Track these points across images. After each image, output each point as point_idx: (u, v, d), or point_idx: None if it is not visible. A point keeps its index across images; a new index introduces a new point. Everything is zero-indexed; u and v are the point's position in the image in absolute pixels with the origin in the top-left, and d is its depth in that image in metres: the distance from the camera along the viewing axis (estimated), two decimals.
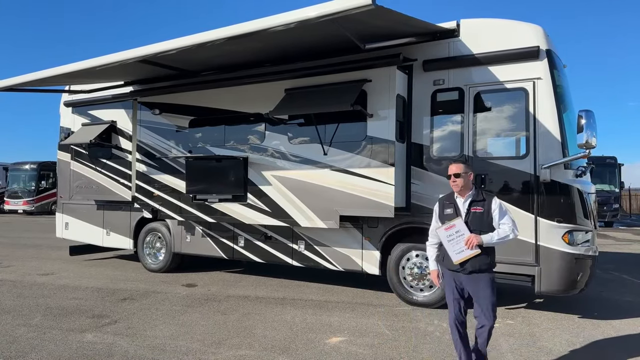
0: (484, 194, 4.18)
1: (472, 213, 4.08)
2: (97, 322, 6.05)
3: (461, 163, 4.28)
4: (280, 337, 5.45)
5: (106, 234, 10.17)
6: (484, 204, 4.07)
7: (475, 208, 4.08)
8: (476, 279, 4.00)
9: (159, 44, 5.87)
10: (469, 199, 4.12)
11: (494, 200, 4.08)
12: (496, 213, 4.03)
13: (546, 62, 6.15)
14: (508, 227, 3.98)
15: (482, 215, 4.04)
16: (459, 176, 4.13)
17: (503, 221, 4.01)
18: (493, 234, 3.98)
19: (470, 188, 4.18)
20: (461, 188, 4.14)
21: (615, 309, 6.97)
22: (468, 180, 4.16)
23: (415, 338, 5.48)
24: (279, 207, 7.42)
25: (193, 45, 5.34)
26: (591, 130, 5.63)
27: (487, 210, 4.05)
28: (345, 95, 6.53)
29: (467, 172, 4.15)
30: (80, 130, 9.99)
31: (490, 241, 3.96)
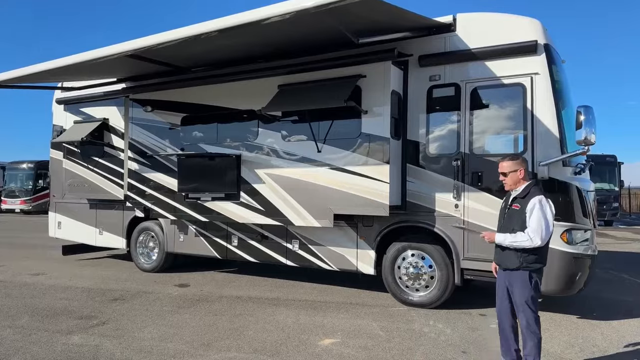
0: (531, 190, 4.04)
1: (510, 209, 4.08)
2: (85, 324, 5.91)
3: (509, 160, 4.17)
4: (272, 339, 5.31)
5: (99, 234, 10.02)
6: (523, 202, 3.99)
7: (515, 205, 4.05)
8: (510, 276, 4.01)
9: (149, 37, 5.71)
10: (514, 195, 4.11)
11: (532, 200, 3.94)
12: (528, 214, 3.92)
13: (544, 56, 6.00)
14: (528, 232, 3.86)
15: (516, 213, 4.00)
16: (505, 175, 4.14)
17: (530, 224, 3.88)
18: (508, 235, 3.94)
19: (521, 184, 4.10)
20: (510, 185, 4.13)
21: (615, 309, 6.83)
22: (517, 177, 4.10)
23: (409, 340, 5.34)
24: (272, 206, 7.28)
25: (184, 38, 5.19)
26: (590, 127, 5.50)
27: (522, 208, 3.97)
28: (339, 91, 6.39)
29: (515, 170, 4.09)
30: (72, 128, 9.84)
31: (503, 242, 3.95)
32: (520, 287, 3.93)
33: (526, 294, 3.91)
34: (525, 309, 3.92)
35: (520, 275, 3.93)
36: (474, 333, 5.60)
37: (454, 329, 5.77)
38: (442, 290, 6.55)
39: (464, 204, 6.37)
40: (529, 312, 3.91)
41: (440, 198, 6.53)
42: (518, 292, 3.94)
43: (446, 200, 6.49)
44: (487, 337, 5.44)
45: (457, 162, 6.41)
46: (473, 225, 6.31)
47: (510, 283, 4.01)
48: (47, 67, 6.79)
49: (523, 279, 3.92)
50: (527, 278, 3.92)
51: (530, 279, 3.92)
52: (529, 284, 3.91)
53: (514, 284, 3.98)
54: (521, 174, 4.11)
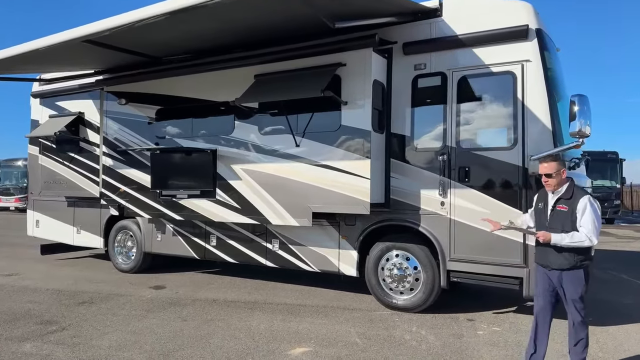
0: (575, 190, 4.02)
1: (556, 210, 4.03)
2: (43, 329, 5.52)
3: (552, 161, 4.10)
4: (238, 348, 4.90)
5: (77, 233, 9.63)
6: (570, 203, 3.96)
7: (561, 206, 4.01)
8: (561, 276, 4.00)
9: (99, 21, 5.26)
10: (557, 196, 4.05)
11: (582, 200, 3.92)
12: (579, 214, 3.90)
13: (536, 42, 5.57)
14: (584, 232, 3.85)
15: (565, 214, 3.96)
16: (550, 176, 4.05)
17: (583, 224, 3.87)
18: (565, 235, 3.88)
19: (563, 184, 4.07)
20: (554, 187, 4.07)
21: (613, 312, 6.41)
22: (561, 178, 4.06)
23: (387, 349, 4.93)
24: (249, 204, 6.87)
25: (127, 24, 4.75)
26: (585, 118, 5.05)
27: (571, 209, 3.94)
28: (315, 80, 5.96)
29: (559, 170, 4.04)
30: (46, 123, 9.44)
31: (560, 242, 3.89)
32: (576, 284, 3.96)
33: (580, 290, 3.96)
34: (579, 304, 3.97)
35: (576, 273, 3.95)
36: (458, 341, 5.18)
37: (437, 336, 5.36)
38: (428, 293, 6.14)
39: (451, 202, 5.95)
40: (581, 307, 3.98)
41: (426, 195, 6.12)
42: (573, 289, 3.96)
43: (432, 198, 6.07)
44: (473, 346, 5.03)
45: (443, 157, 5.99)
46: (460, 224, 5.89)
47: (563, 282, 4.00)
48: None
49: (578, 276, 3.96)
50: (582, 275, 3.96)
51: (585, 276, 3.98)
52: (583, 281, 3.96)
53: (568, 282, 3.98)
54: (564, 174, 4.09)
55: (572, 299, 3.98)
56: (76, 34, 5.13)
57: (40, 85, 9.96)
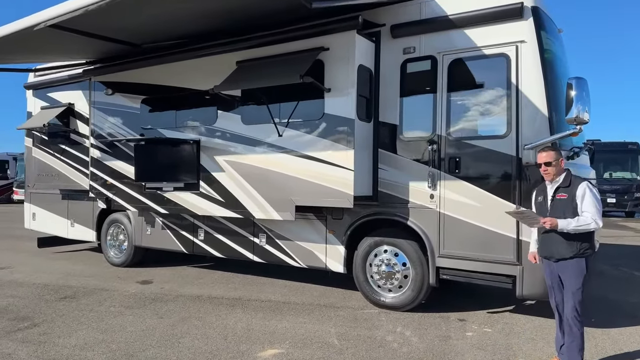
0: (572, 179, 4.01)
1: (556, 200, 4.00)
2: (13, 326, 5.35)
3: (551, 150, 4.09)
4: (207, 349, 4.64)
5: (71, 225, 9.52)
6: (569, 190, 3.95)
7: (561, 194, 3.98)
8: (563, 267, 3.94)
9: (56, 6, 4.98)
10: (556, 185, 4.03)
11: (580, 186, 3.92)
12: (579, 199, 3.88)
13: (532, 21, 5.13)
14: (589, 215, 3.81)
15: (565, 202, 3.93)
16: (550, 165, 4.02)
17: (585, 209, 3.85)
18: (571, 219, 3.82)
19: (561, 173, 4.05)
20: (553, 176, 4.03)
21: (618, 313, 5.97)
22: (560, 167, 4.04)
23: (365, 351, 4.61)
24: (232, 197, 6.60)
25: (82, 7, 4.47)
26: (583, 103, 4.63)
27: (571, 196, 3.92)
28: (295, 66, 5.63)
29: (558, 159, 4.03)
30: (38, 114, 9.32)
31: (567, 227, 3.81)
32: (576, 274, 3.89)
33: (580, 280, 3.88)
34: (577, 295, 3.89)
35: (577, 262, 3.89)
36: (444, 343, 4.84)
37: (422, 337, 5.02)
38: (417, 291, 5.79)
39: (440, 194, 5.58)
40: (579, 299, 3.88)
41: (415, 188, 5.75)
42: (573, 280, 3.89)
43: (421, 190, 5.70)
44: (458, 349, 4.68)
45: (432, 147, 5.61)
46: (450, 219, 5.52)
47: (563, 272, 3.95)
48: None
49: (580, 266, 3.89)
50: (584, 265, 3.89)
51: (586, 265, 3.91)
52: (584, 271, 3.89)
53: (568, 272, 3.92)
54: (562, 163, 4.09)
55: (572, 290, 3.90)
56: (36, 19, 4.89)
57: (35, 77, 9.85)
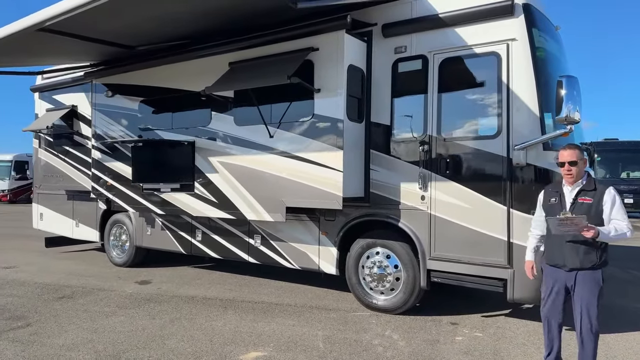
0: (596, 182, 3.74)
1: (578, 203, 3.70)
2: (6, 326, 5.43)
3: (576, 149, 3.75)
4: (190, 351, 4.64)
5: (75, 226, 9.67)
6: (594, 194, 3.68)
7: (584, 198, 3.70)
8: (577, 278, 3.66)
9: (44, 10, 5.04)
10: (578, 187, 3.73)
11: (608, 191, 3.67)
12: (608, 205, 3.63)
13: (523, 19, 5.02)
14: (625, 224, 3.58)
15: (590, 207, 3.66)
16: (575, 164, 3.70)
17: (618, 217, 3.61)
18: (610, 227, 3.57)
19: (582, 176, 3.76)
20: (576, 177, 3.73)
21: (621, 319, 5.79)
22: (583, 167, 3.76)
23: (348, 355, 4.56)
24: (225, 198, 6.60)
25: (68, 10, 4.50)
26: (574, 102, 4.51)
27: (597, 201, 3.65)
28: (284, 66, 5.60)
29: (582, 158, 3.73)
30: (43, 116, 9.49)
31: (607, 236, 3.55)
32: (593, 286, 3.63)
33: (596, 293, 3.63)
34: (593, 309, 3.63)
35: (594, 274, 3.64)
36: (430, 348, 4.76)
37: (409, 341, 4.94)
38: (409, 294, 5.71)
39: (431, 195, 5.49)
40: (595, 313, 3.63)
41: (406, 189, 5.68)
42: (588, 292, 3.62)
43: (412, 192, 5.62)
44: (443, 354, 4.59)
45: (423, 147, 5.53)
46: (441, 220, 5.43)
47: (579, 283, 3.66)
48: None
49: (596, 277, 3.65)
50: (600, 276, 3.66)
51: (602, 277, 3.68)
52: (600, 283, 3.66)
53: (584, 283, 3.64)
54: (586, 163, 3.81)
55: (586, 304, 3.63)
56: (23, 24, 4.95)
57: (42, 80, 10.02)
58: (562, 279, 3.74)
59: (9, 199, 30.39)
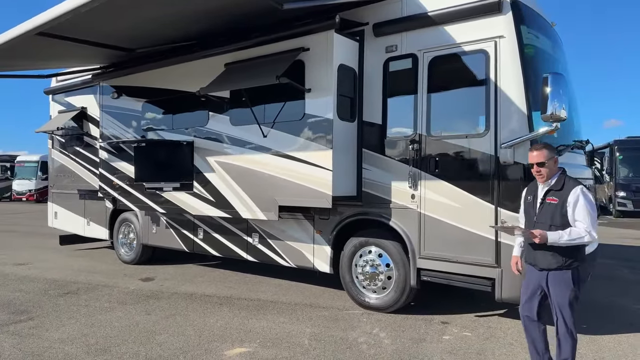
0: (565, 181, 3.67)
1: (545, 203, 3.67)
2: (9, 319, 5.65)
3: (544, 149, 3.72)
4: (178, 346, 4.76)
5: (87, 224, 9.95)
6: (560, 194, 3.61)
7: (551, 198, 3.65)
8: (547, 277, 3.64)
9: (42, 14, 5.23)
10: (547, 187, 3.70)
11: (573, 191, 3.56)
12: (570, 207, 3.55)
13: (510, 15, 4.97)
14: (584, 227, 3.48)
15: (555, 207, 3.60)
16: (543, 165, 3.67)
17: (579, 218, 3.51)
18: (563, 232, 3.50)
19: (555, 174, 3.71)
20: (547, 177, 3.69)
21: (618, 320, 5.69)
22: (554, 167, 3.71)
23: (331, 352, 4.60)
24: (222, 197, 6.72)
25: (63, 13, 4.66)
26: (559, 100, 4.45)
27: (562, 201, 3.58)
28: (274, 67, 5.67)
29: (551, 158, 3.68)
30: (55, 118, 9.80)
31: (558, 241, 3.49)
32: (563, 287, 3.58)
33: (567, 294, 3.57)
34: (566, 311, 3.57)
35: (563, 275, 3.58)
36: (415, 346, 4.76)
37: (396, 339, 4.95)
38: (400, 292, 5.72)
39: (421, 195, 5.49)
40: (569, 314, 3.57)
41: (397, 188, 5.68)
42: (560, 293, 3.58)
43: (402, 191, 5.63)
44: (426, 352, 4.60)
45: (413, 146, 5.53)
46: (430, 219, 5.42)
47: (550, 284, 3.64)
48: None
49: (566, 278, 3.58)
50: (570, 277, 3.58)
51: (574, 278, 3.59)
52: (571, 284, 3.58)
53: (554, 284, 3.61)
54: (557, 162, 3.75)
55: (558, 304, 3.59)
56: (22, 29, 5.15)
57: (56, 82, 10.34)
58: (536, 278, 3.73)
59: (35, 198, 31.38)
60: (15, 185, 32.46)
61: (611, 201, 21.27)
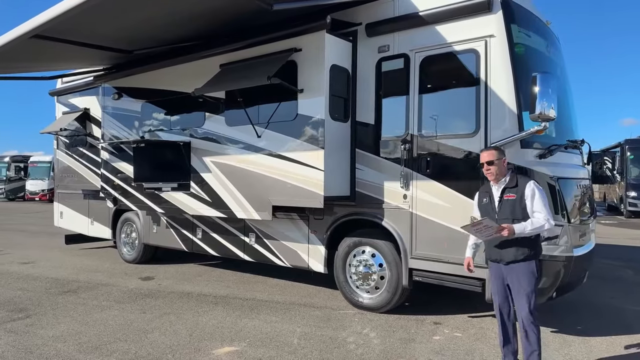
0: (518, 178, 3.93)
1: (504, 200, 3.88)
2: (9, 317, 5.76)
3: (493, 149, 4.02)
4: (168, 344, 4.81)
5: (91, 224, 10.08)
6: (517, 190, 3.85)
7: (508, 195, 3.88)
8: (514, 270, 3.82)
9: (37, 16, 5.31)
10: (502, 186, 3.92)
11: (528, 185, 3.83)
12: (528, 200, 3.79)
13: (501, 15, 4.94)
14: (542, 216, 3.73)
15: (514, 203, 3.83)
16: (492, 164, 3.90)
17: (537, 209, 3.76)
18: (526, 223, 3.71)
19: (505, 174, 3.95)
20: (496, 176, 3.91)
21: (614, 321, 5.64)
22: (503, 166, 3.94)
23: (318, 351, 4.62)
24: (218, 197, 6.77)
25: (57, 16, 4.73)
26: (548, 99, 4.42)
27: (520, 196, 3.82)
28: (266, 67, 5.70)
29: (500, 158, 3.92)
30: (59, 119, 9.94)
31: (523, 231, 3.70)
32: (527, 277, 3.78)
33: (532, 284, 3.78)
34: (531, 299, 3.76)
35: (527, 266, 3.79)
36: (403, 346, 4.76)
37: (385, 339, 4.96)
38: (392, 292, 5.71)
39: (413, 195, 5.48)
40: (533, 303, 3.77)
41: (389, 188, 5.68)
42: (524, 283, 3.77)
43: (395, 191, 5.63)
44: (413, 352, 4.59)
45: (405, 146, 5.52)
46: (422, 219, 5.41)
47: (514, 275, 3.82)
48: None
49: (530, 269, 3.79)
50: (534, 267, 3.81)
51: (536, 268, 3.83)
52: (535, 274, 3.81)
53: (519, 275, 3.80)
54: (505, 162, 3.98)
55: (525, 293, 3.77)
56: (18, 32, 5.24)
57: (61, 84, 10.49)
58: (502, 273, 3.90)
59: (48, 198, 31.84)
60: (29, 185, 33.02)
61: (622, 201, 20.97)
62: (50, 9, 4.86)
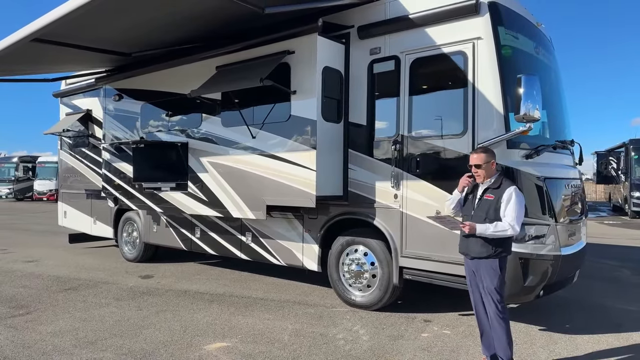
0: (503, 181, 4.03)
1: (483, 199, 4.01)
2: (9, 313, 5.92)
3: (482, 152, 4.09)
4: (161, 339, 4.93)
5: (93, 223, 10.25)
6: (497, 192, 3.96)
7: (488, 195, 4.00)
8: (478, 265, 3.99)
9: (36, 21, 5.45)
10: (486, 186, 4.05)
11: (508, 190, 3.93)
12: (504, 204, 3.89)
13: (488, 17, 5.01)
14: (507, 221, 3.84)
15: (490, 203, 3.95)
16: (480, 167, 4.03)
17: (507, 214, 3.87)
18: (489, 225, 3.86)
19: (492, 175, 4.06)
20: (484, 178, 4.04)
21: (605, 320, 5.70)
22: (490, 169, 4.05)
23: (307, 347, 4.72)
24: (214, 196, 6.90)
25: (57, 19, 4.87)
26: (532, 101, 4.49)
27: (497, 198, 3.94)
28: (259, 69, 5.82)
29: (488, 162, 4.03)
30: (62, 120, 10.12)
31: (484, 232, 3.85)
32: (491, 274, 3.93)
33: (495, 281, 3.91)
34: (494, 295, 3.91)
35: (491, 263, 3.93)
36: (391, 343, 4.85)
37: (374, 336, 5.05)
38: (384, 290, 5.81)
39: (403, 194, 5.57)
40: (497, 298, 3.91)
41: (380, 187, 5.78)
42: (488, 279, 3.93)
43: (385, 190, 5.72)
44: (402, 349, 4.68)
45: (395, 147, 5.61)
46: (412, 218, 5.50)
47: (478, 271, 4.01)
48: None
49: (493, 266, 3.92)
50: (498, 265, 3.92)
51: (500, 266, 3.93)
52: (499, 271, 3.92)
53: (483, 272, 3.96)
54: (494, 165, 4.07)
55: (488, 290, 3.94)
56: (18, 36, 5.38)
57: (65, 86, 10.68)
58: (470, 266, 4.10)
59: (55, 198, 32.20)
60: (37, 185, 33.39)
61: (626, 202, 20.88)
62: (49, 12, 5.00)
